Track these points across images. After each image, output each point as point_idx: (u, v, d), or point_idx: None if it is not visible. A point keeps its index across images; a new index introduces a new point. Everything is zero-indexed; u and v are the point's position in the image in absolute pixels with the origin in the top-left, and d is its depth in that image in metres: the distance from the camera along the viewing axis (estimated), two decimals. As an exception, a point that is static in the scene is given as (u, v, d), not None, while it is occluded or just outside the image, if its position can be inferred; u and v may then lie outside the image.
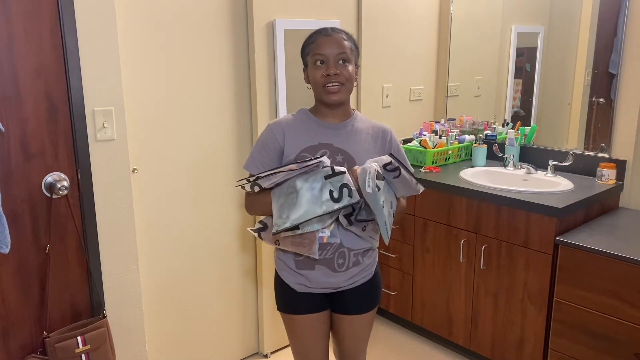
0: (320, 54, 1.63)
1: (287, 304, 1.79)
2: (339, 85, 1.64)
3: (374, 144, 1.73)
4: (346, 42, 1.65)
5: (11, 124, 1.83)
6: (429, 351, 2.83)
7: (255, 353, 2.82)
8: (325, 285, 1.72)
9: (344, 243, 1.68)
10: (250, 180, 1.58)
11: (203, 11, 2.31)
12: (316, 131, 1.69)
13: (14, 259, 1.91)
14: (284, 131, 1.68)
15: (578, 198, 2.31)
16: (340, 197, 1.51)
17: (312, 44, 1.66)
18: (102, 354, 2.00)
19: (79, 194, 2.01)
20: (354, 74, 1.67)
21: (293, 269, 1.73)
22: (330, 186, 1.52)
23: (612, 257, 2.02)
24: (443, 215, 2.63)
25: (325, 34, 1.65)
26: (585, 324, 2.13)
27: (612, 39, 2.53)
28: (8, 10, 1.78)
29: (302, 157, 1.65)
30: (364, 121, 1.77)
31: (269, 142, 1.69)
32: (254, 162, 1.70)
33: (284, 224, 1.53)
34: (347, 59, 1.64)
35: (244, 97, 2.51)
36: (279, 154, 1.68)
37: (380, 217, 1.55)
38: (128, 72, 2.12)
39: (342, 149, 1.67)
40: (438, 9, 3.24)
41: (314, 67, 1.65)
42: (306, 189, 1.52)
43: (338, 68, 1.63)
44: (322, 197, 1.52)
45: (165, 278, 2.40)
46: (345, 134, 1.70)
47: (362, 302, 1.81)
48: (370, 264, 1.79)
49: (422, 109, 3.31)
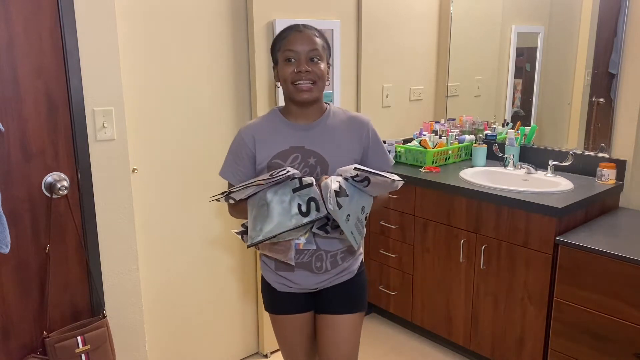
0: (291, 50, 1.57)
1: (271, 304, 1.80)
2: (310, 84, 1.58)
3: (349, 139, 1.67)
4: (318, 39, 1.60)
5: (11, 124, 1.83)
6: (429, 351, 2.83)
7: (255, 353, 2.82)
8: (305, 285, 1.71)
9: (321, 246, 1.66)
10: (224, 195, 1.56)
11: (203, 11, 2.31)
12: (287, 134, 1.64)
13: (14, 259, 1.91)
14: (255, 137, 1.64)
15: (578, 198, 2.31)
16: (308, 211, 1.49)
17: (282, 40, 1.60)
18: (102, 354, 2.00)
19: (79, 194, 2.01)
20: (325, 72, 1.62)
21: (273, 269, 1.73)
22: (299, 199, 1.49)
23: (612, 257, 2.02)
24: (443, 215, 2.63)
25: (297, 30, 1.60)
26: (585, 324, 2.13)
27: (612, 39, 2.53)
28: (8, 10, 1.78)
29: (274, 163, 1.61)
30: (338, 115, 1.71)
31: (240, 149, 1.66)
32: (230, 170, 1.69)
33: (258, 237, 1.52)
34: (319, 56, 1.59)
35: (244, 97, 2.51)
36: (252, 161, 1.65)
37: (346, 229, 1.50)
38: (128, 72, 2.13)
39: (314, 150, 1.62)
40: (438, 9, 3.24)
41: (284, 63, 1.59)
42: (276, 202, 1.50)
43: (309, 65, 1.57)
44: (291, 210, 1.49)
45: (165, 278, 2.40)
46: (317, 134, 1.65)
47: (343, 301, 1.76)
48: (350, 265, 1.75)
49: (422, 109, 3.31)
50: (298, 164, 1.61)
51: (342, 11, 2.75)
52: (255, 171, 1.66)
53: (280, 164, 1.61)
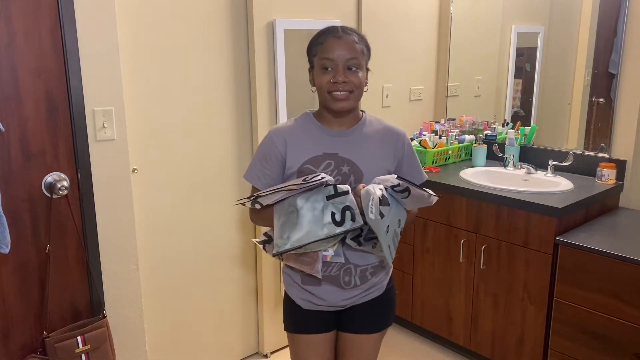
0: (329, 59, 1.49)
1: (293, 323, 1.69)
2: (347, 93, 1.50)
3: (385, 150, 1.60)
4: (358, 45, 1.50)
5: (11, 124, 1.83)
6: (429, 351, 2.83)
7: (255, 353, 2.82)
8: (332, 302, 1.62)
9: (350, 259, 1.57)
10: (250, 199, 1.48)
11: (203, 11, 2.31)
12: (320, 139, 1.56)
13: (14, 259, 1.91)
14: (286, 140, 1.56)
15: (578, 198, 2.31)
16: (342, 220, 1.40)
17: (319, 45, 1.51)
18: (102, 354, 2.00)
19: (79, 194, 2.01)
20: (364, 80, 1.53)
21: (299, 284, 1.63)
22: (332, 208, 1.41)
23: (612, 257, 2.02)
24: (443, 215, 2.63)
25: (335, 36, 1.49)
26: (585, 324, 2.13)
27: (612, 39, 2.53)
28: (8, 10, 1.78)
29: (306, 169, 1.53)
30: (374, 124, 1.63)
31: (270, 152, 1.56)
32: (255, 173, 1.59)
33: (285, 245, 1.42)
34: (357, 65, 1.50)
35: (244, 97, 2.51)
36: (281, 165, 1.56)
37: (384, 242, 1.41)
38: (128, 72, 2.12)
39: (348, 158, 1.55)
40: (438, 9, 3.24)
41: (321, 71, 1.51)
42: (307, 209, 1.41)
43: (347, 75, 1.49)
44: (323, 219, 1.40)
45: (165, 278, 2.40)
46: (352, 141, 1.57)
47: (370, 321, 1.68)
48: (380, 280, 1.66)
49: (422, 109, 3.31)
50: (330, 171, 1.53)
51: (342, 11, 2.75)
52: (284, 176, 1.57)
53: (312, 170, 1.53)
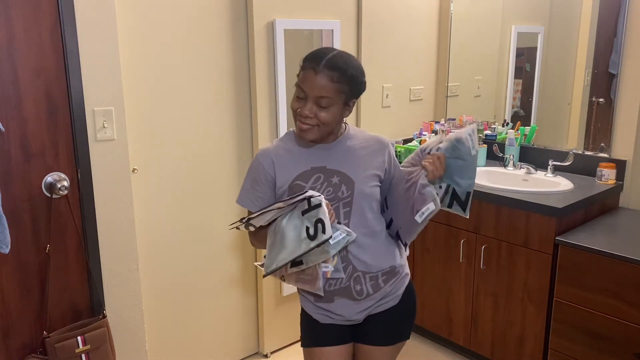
0: (301, 89, 1.48)
1: (310, 337, 1.68)
2: (311, 127, 1.50)
3: (372, 158, 1.61)
4: (335, 84, 1.46)
5: (11, 124, 1.83)
6: (429, 351, 2.83)
7: (255, 353, 2.82)
8: (348, 316, 1.61)
9: (358, 267, 1.56)
10: (243, 222, 1.49)
11: (203, 11, 2.31)
12: (307, 155, 1.58)
13: (14, 259, 1.91)
14: (273, 161, 1.57)
15: (578, 198, 2.31)
16: (315, 233, 1.42)
17: (301, 70, 1.51)
18: (102, 354, 2.00)
19: (79, 194, 2.01)
20: (336, 116, 1.50)
21: (313, 302, 1.64)
22: (307, 222, 1.43)
23: (612, 257, 2.02)
24: (443, 215, 2.63)
25: (314, 69, 1.46)
26: (585, 324, 2.13)
27: (612, 39, 2.53)
28: (8, 10, 1.78)
29: (296, 185, 1.55)
30: (357, 137, 1.64)
31: (259, 175, 1.58)
32: (248, 198, 1.60)
33: (271, 266, 1.47)
34: (328, 104, 1.47)
35: (244, 97, 2.51)
36: (271, 186, 1.58)
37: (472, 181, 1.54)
38: (128, 72, 2.12)
39: (336, 169, 1.56)
40: (438, 9, 3.24)
41: (295, 96, 1.52)
42: (290, 228, 1.44)
43: (314, 110, 1.47)
44: (301, 235, 1.43)
45: (165, 278, 2.40)
46: (337, 153, 1.58)
47: (384, 332, 1.65)
48: (394, 289, 1.63)
49: (422, 109, 3.31)
50: (320, 184, 1.55)
51: (342, 11, 2.75)
52: (276, 196, 1.59)
53: (302, 186, 1.54)
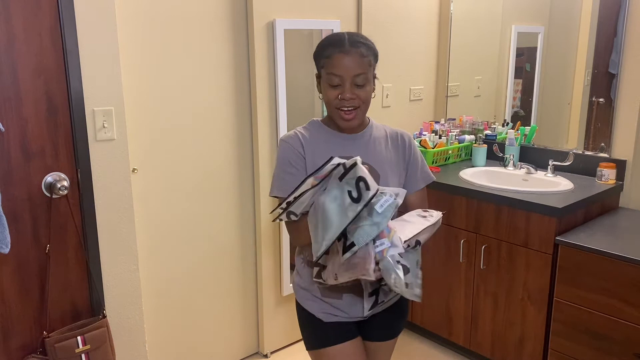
0: (336, 75, 1.44)
1: (316, 338, 1.61)
2: (354, 110, 1.47)
3: (394, 151, 1.61)
4: (365, 58, 1.46)
5: (11, 124, 1.83)
6: (429, 351, 2.83)
7: (255, 353, 2.82)
8: (354, 314, 1.58)
9: None
10: (283, 209, 1.38)
11: (203, 11, 2.31)
12: (333, 143, 1.54)
13: (14, 259, 1.91)
14: (303, 144, 1.52)
15: (578, 198, 2.31)
16: (359, 194, 1.29)
17: (326, 59, 1.46)
18: (102, 354, 2.00)
19: (79, 194, 2.01)
20: (371, 92, 1.50)
21: (319, 297, 1.58)
22: (347, 186, 1.31)
23: (612, 257, 2.02)
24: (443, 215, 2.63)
25: (342, 50, 1.44)
26: (585, 324, 2.13)
27: (612, 39, 2.53)
28: (8, 10, 1.78)
29: None
30: (379, 129, 1.63)
31: (292, 156, 1.51)
32: (284, 184, 1.49)
33: (321, 247, 1.33)
34: (365, 80, 1.46)
35: (244, 96, 2.51)
36: (304, 168, 1.51)
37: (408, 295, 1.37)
38: (128, 72, 2.12)
39: (363, 161, 1.51)
40: (438, 9, 3.24)
41: (328, 87, 1.47)
42: (330, 200, 1.31)
43: (354, 91, 1.45)
44: (344, 203, 1.30)
45: (165, 278, 2.40)
46: (364, 144, 1.56)
47: (387, 327, 1.67)
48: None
49: (422, 109, 3.31)
50: None
51: (342, 11, 2.75)
52: None
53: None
